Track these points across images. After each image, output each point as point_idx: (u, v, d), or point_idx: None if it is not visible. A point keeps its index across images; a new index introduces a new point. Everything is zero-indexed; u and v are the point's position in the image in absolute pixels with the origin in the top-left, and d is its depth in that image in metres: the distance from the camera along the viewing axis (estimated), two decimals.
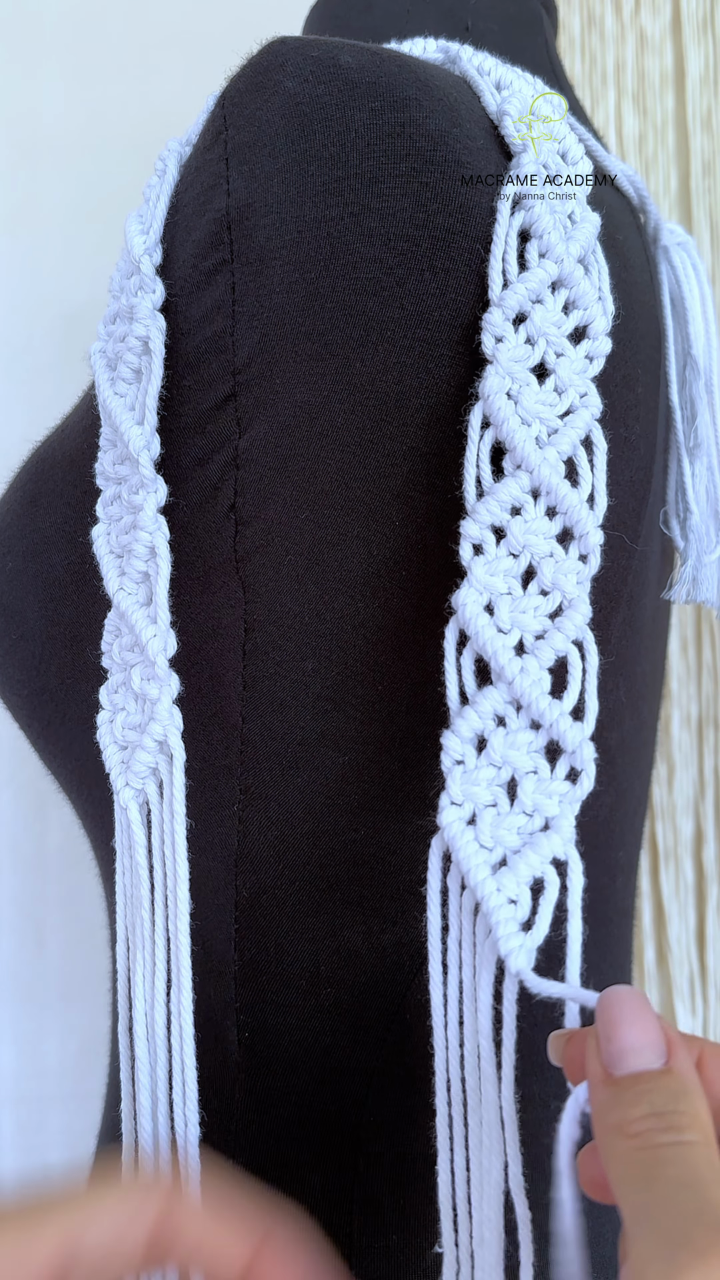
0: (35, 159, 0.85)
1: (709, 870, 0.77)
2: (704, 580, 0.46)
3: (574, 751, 0.32)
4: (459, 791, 0.32)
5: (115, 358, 0.38)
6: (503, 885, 0.31)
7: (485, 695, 0.32)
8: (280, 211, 0.34)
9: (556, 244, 0.34)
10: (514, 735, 0.32)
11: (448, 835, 0.31)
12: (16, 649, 0.44)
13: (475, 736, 0.32)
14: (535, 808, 0.32)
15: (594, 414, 0.34)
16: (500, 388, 0.33)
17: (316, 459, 0.34)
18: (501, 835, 0.32)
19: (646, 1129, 0.26)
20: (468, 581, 0.33)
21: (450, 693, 0.33)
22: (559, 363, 0.34)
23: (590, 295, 0.35)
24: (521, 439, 0.33)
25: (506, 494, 0.33)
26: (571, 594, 0.33)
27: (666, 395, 0.44)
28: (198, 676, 0.37)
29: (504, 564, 0.33)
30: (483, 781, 0.32)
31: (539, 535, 0.33)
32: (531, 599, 0.33)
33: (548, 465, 0.33)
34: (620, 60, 0.80)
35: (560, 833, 0.32)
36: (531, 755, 0.32)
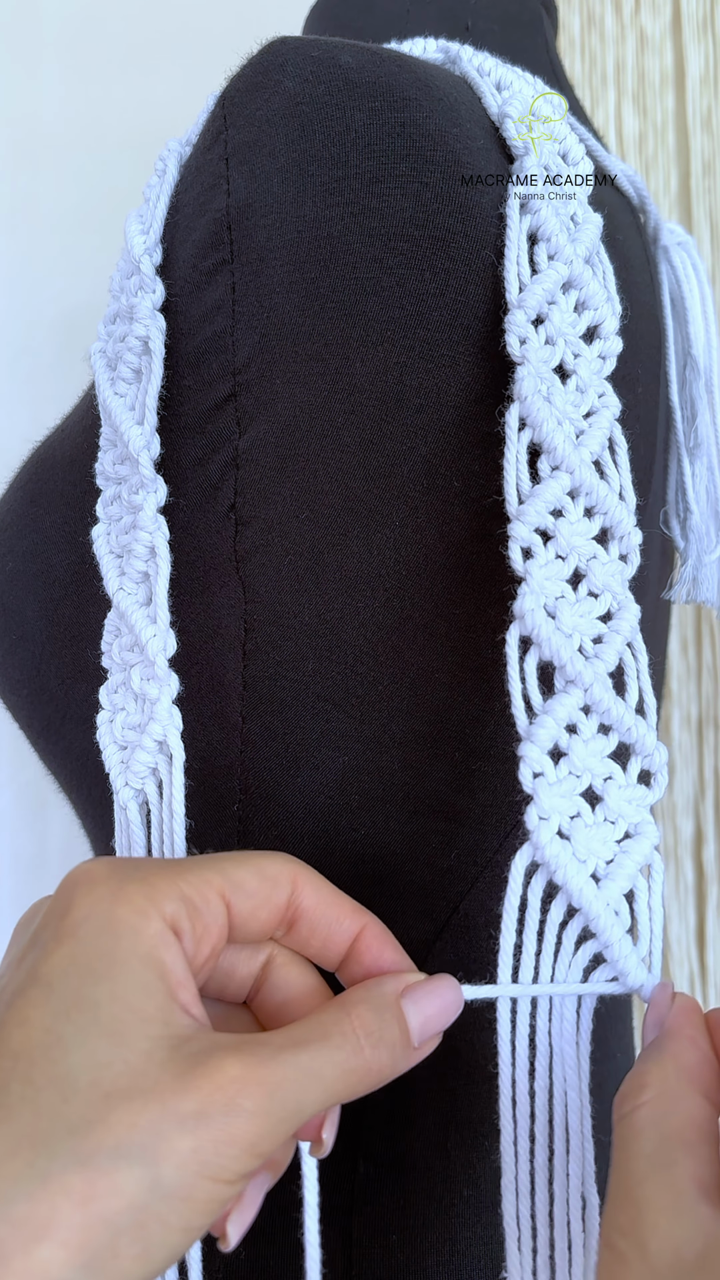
0: (35, 159, 0.85)
1: (709, 870, 0.78)
2: (704, 580, 0.46)
3: (649, 754, 0.32)
4: (548, 805, 0.31)
5: (115, 358, 0.38)
6: (610, 899, 0.31)
7: (559, 702, 0.32)
8: (280, 211, 0.34)
9: (565, 246, 0.34)
10: (590, 743, 0.32)
11: (547, 853, 0.30)
12: (16, 649, 0.44)
13: (552, 746, 0.32)
14: (619, 815, 0.32)
15: (614, 413, 0.34)
16: (535, 388, 0.33)
17: (316, 459, 0.34)
18: (594, 846, 0.31)
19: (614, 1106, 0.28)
20: (527, 586, 0.32)
21: (516, 702, 0.32)
22: (578, 363, 0.34)
23: (600, 295, 0.35)
24: (560, 439, 0.33)
25: (550, 495, 0.33)
26: (620, 595, 0.33)
27: (666, 395, 0.44)
28: (198, 676, 0.37)
29: (554, 568, 0.33)
30: (566, 793, 0.31)
31: (583, 537, 0.33)
32: (585, 603, 0.33)
33: (585, 465, 0.33)
34: (620, 60, 0.80)
35: (647, 838, 0.32)
36: (605, 761, 0.32)
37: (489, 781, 0.37)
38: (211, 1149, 0.24)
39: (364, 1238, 0.39)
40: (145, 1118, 0.23)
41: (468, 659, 0.36)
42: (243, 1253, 0.39)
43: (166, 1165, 0.23)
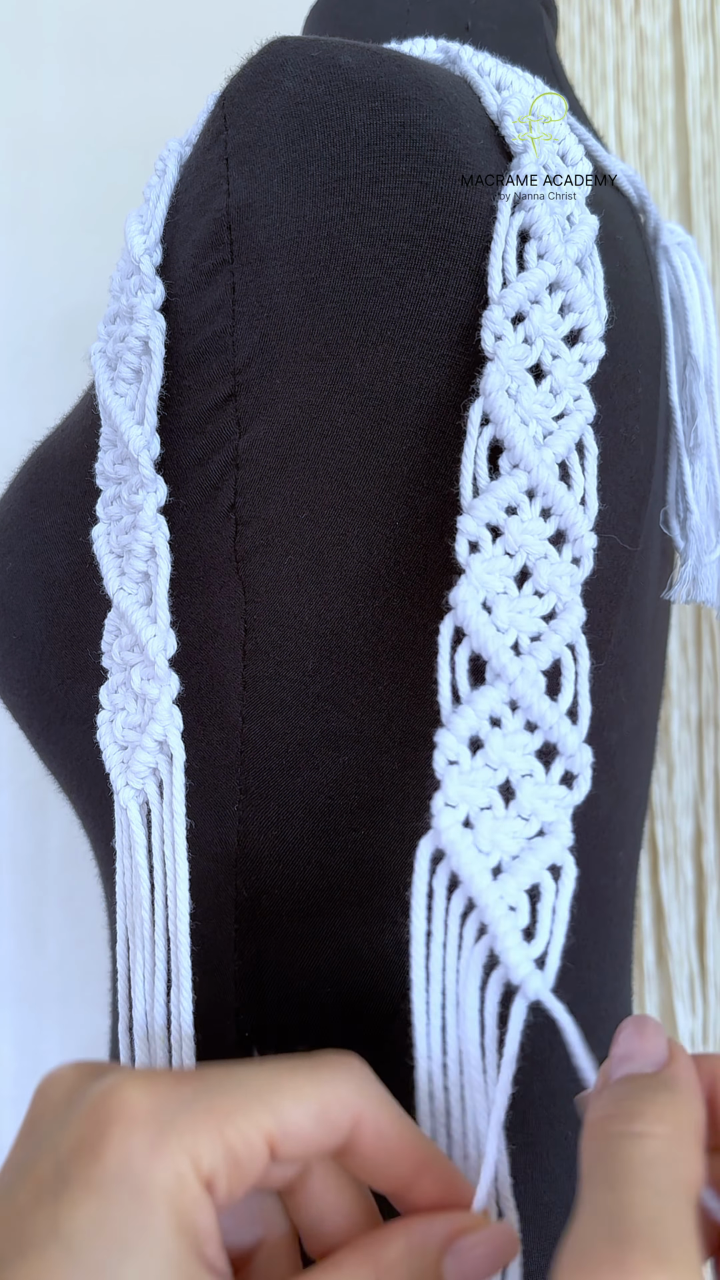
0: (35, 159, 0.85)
1: (709, 870, 0.77)
2: (704, 580, 0.46)
3: (572, 755, 0.32)
4: (455, 793, 0.31)
5: (115, 358, 0.38)
6: (504, 893, 0.30)
7: (482, 694, 0.32)
8: (280, 211, 0.34)
9: (555, 245, 0.34)
10: (511, 737, 0.32)
11: (445, 838, 0.31)
12: (16, 649, 0.44)
13: (471, 736, 0.32)
14: (532, 812, 0.32)
15: (587, 418, 0.34)
16: (501, 385, 0.33)
17: (316, 459, 0.34)
18: (499, 840, 0.31)
19: (605, 1116, 0.25)
20: (465, 578, 0.32)
21: (443, 690, 0.32)
22: (555, 364, 0.34)
23: (586, 299, 0.35)
24: (520, 438, 0.33)
25: (504, 492, 0.33)
26: (566, 597, 0.33)
27: (666, 395, 0.44)
28: (198, 676, 0.37)
29: (500, 563, 0.33)
30: (479, 783, 0.31)
31: (534, 536, 0.33)
32: (527, 600, 0.33)
33: (545, 466, 0.33)
34: (620, 60, 0.80)
35: (558, 838, 0.31)
36: (527, 758, 0.32)
37: None
38: None
39: None
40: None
41: None
42: None
43: None
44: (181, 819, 0.35)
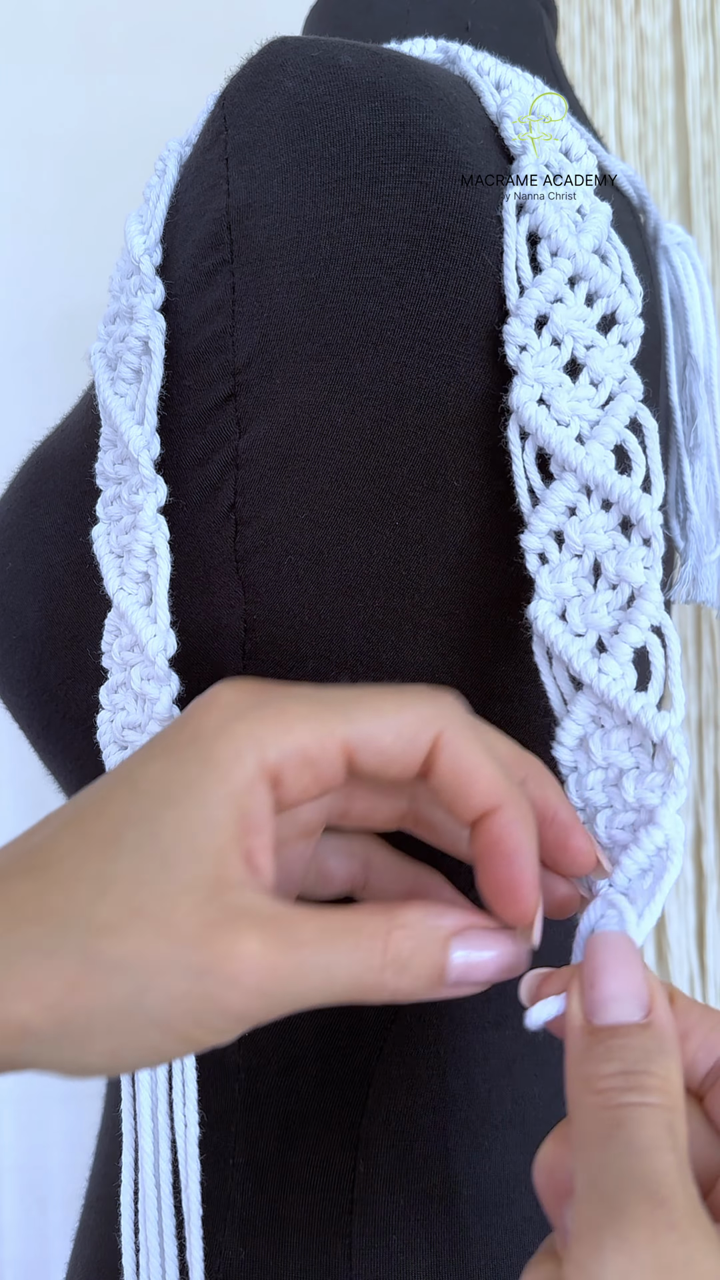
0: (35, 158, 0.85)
1: (709, 870, 0.78)
2: (704, 580, 0.46)
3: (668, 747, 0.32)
4: (575, 799, 0.33)
5: (115, 358, 0.38)
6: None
7: (577, 702, 0.33)
8: (280, 211, 0.34)
9: (566, 241, 0.34)
10: (609, 734, 0.33)
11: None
12: (16, 649, 0.44)
13: (578, 742, 0.33)
14: (640, 802, 0.32)
15: (636, 396, 0.34)
16: (530, 396, 0.33)
17: (316, 459, 0.34)
18: (614, 834, 0.32)
19: (612, 1087, 0.25)
20: (538, 594, 0.33)
21: (554, 705, 0.33)
22: (590, 355, 0.34)
23: (613, 282, 0.35)
24: (560, 440, 0.33)
25: (558, 499, 0.33)
26: (638, 581, 0.33)
27: (666, 395, 0.44)
28: (198, 676, 0.37)
29: (569, 567, 0.33)
30: (595, 785, 0.33)
31: (598, 531, 0.33)
32: (602, 595, 0.33)
33: (591, 460, 0.33)
34: (620, 60, 0.80)
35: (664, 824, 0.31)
36: (633, 752, 0.33)
37: None
38: (199, 1002, 0.25)
39: (364, 1237, 0.39)
40: (155, 948, 0.25)
41: (469, 659, 0.36)
42: (243, 1252, 0.39)
43: (156, 995, 0.25)
44: None
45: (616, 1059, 0.26)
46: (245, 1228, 0.39)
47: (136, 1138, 0.36)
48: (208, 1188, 0.38)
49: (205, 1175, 0.36)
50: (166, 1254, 0.35)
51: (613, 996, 0.27)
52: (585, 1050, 0.26)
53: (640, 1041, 0.26)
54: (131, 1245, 0.36)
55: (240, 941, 0.25)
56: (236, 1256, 0.39)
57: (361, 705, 0.28)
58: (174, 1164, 0.35)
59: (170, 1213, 0.35)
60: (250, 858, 0.26)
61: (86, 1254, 0.44)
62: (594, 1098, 0.25)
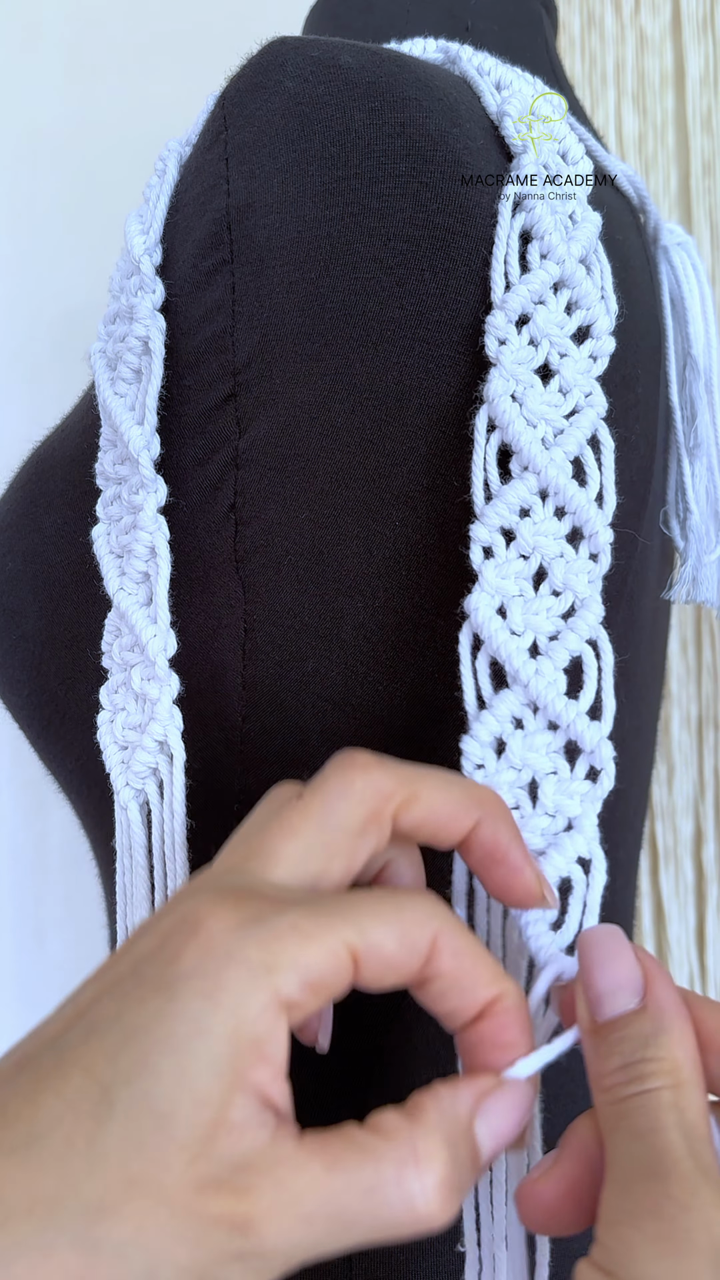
0: (35, 159, 0.85)
1: (709, 870, 0.77)
2: (704, 580, 0.46)
3: (593, 750, 0.32)
4: None
5: (115, 358, 0.38)
6: None
7: (501, 699, 0.32)
8: (280, 211, 0.34)
9: (558, 245, 0.34)
10: (532, 737, 0.32)
11: None
12: (16, 649, 0.44)
13: (494, 740, 0.32)
14: (557, 808, 0.32)
15: (599, 413, 0.34)
16: (504, 390, 0.33)
17: (316, 459, 0.34)
18: (526, 838, 0.32)
19: (615, 1083, 0.26)
20: (479, 585, 0.33)
21: (467, 697, 0.33)
22: (563, 363, 0.34)
23: (593, 295, 0.35)
24: (527, 440, 0.33)
25: (515, 496, 0.33)
26: (583, 594, 0.33)
27: (666, 395, 0.44)
28: (198, 676, 0.37)
29: (514, 566, 0.33)
30: (504, 785, 0.32)
31: (548, 536, 0.33)
32: (544, 600, 0.33)
33: (554, 466, 0.33)
34: (620, 60, 0.80)
35: (583, 832, 0.32)
36: (550, 756, 0.32)
37: None
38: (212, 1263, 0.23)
39: None
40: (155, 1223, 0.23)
41: None
42: None
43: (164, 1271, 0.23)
44: (181, 819, 0.35)
45: (616, 1053, 0.26)
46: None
47: None
48: None
49: None
50: None
51: (607, 990, 0.27)
52: (594, 1050, 0.27)
53: (637, 1028, 0.27)
54: None
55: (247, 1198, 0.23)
56: None
57: (363, 911, 0.26)
58: None
59: None
60: (260, 1092, 0.24)
61: None
62: (603, 1095, 0.26)
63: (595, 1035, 0.27)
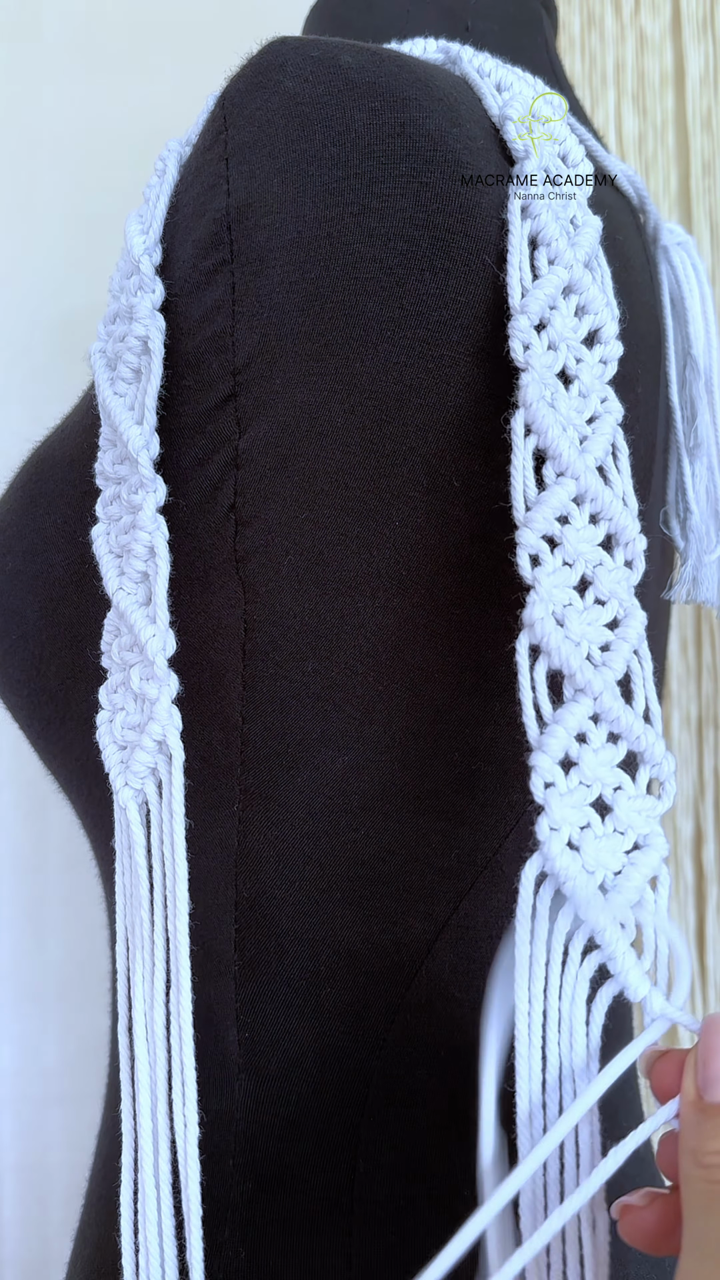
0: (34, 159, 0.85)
1: (709, 870, 0.77)
2: (704, 580, 0.46)
3: (658, 763, 0.32)
4: (559, 815, 0.31)
5: (115, 357, 0.38)
6: (615, 912, 0.30)
7: (569, 711, 0.31)
8: (280, 211, 0.34)
9: (564, 250, 0.34)
10: (600, 752, 0.32)
11: (557, 864, 0.30)
12: (16, 649, 0.44)
13: (563, 756, 0.31)
14: (629, 825, 0.31)
15: (617, 419, 0.34)
16: (540, 394, 0.33)
17: (316, 459, 0.34)
18: (603, 858, 0.31)
19: (716, 1163, 0.27)
20: (535, 594, 0.32)
21: (527, 712, 0.32)
22: (579, 368, 0.34)
23: (599, 299, 0.35)
24: (565, 446, 0.33)
25: (556, 501, 0.33)
26: (627, 603, 0.32)
27: (666, 395, 0.44)
28: (198, 676, 0.37)
29: (562, 575, 0.32)
30: (577, 803, 0.31)
31: (588, 543, 0.33)
32: (591, 610, 0.32)
33: (589, 472, 0.33)
34: (620, 60, 0.80)
35: (655, 849, 0.31)
36: (614, 771, 0.32)
37: (489, 782, 0.37)
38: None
39: (364, 1238, 0.39)
40: None
41: (468, 659, 0.36)
42: (243, 1252, 0.39)
43: None
44: (181, 819, 0.35)
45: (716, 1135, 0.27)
46: (245, 1228, 0.39)
47: (136, 1138, 0.36)
48: (208, 1188, 0.38)
49: (205, 1175, 0.36)
50: (166, 1254, 0.35)
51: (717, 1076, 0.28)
52: (695, 1125, 0.28)
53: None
54: (131, 1245, 0.36)
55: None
56: (236, 1256, 0.38)
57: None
58: (174, 1164, 0.35)
59: (170, 1213, 0.35)
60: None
61: (86, 1254, 0.44)
62: (700, 1171, 0.27)
63: (699, 1112, 0.28)
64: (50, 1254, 0.87)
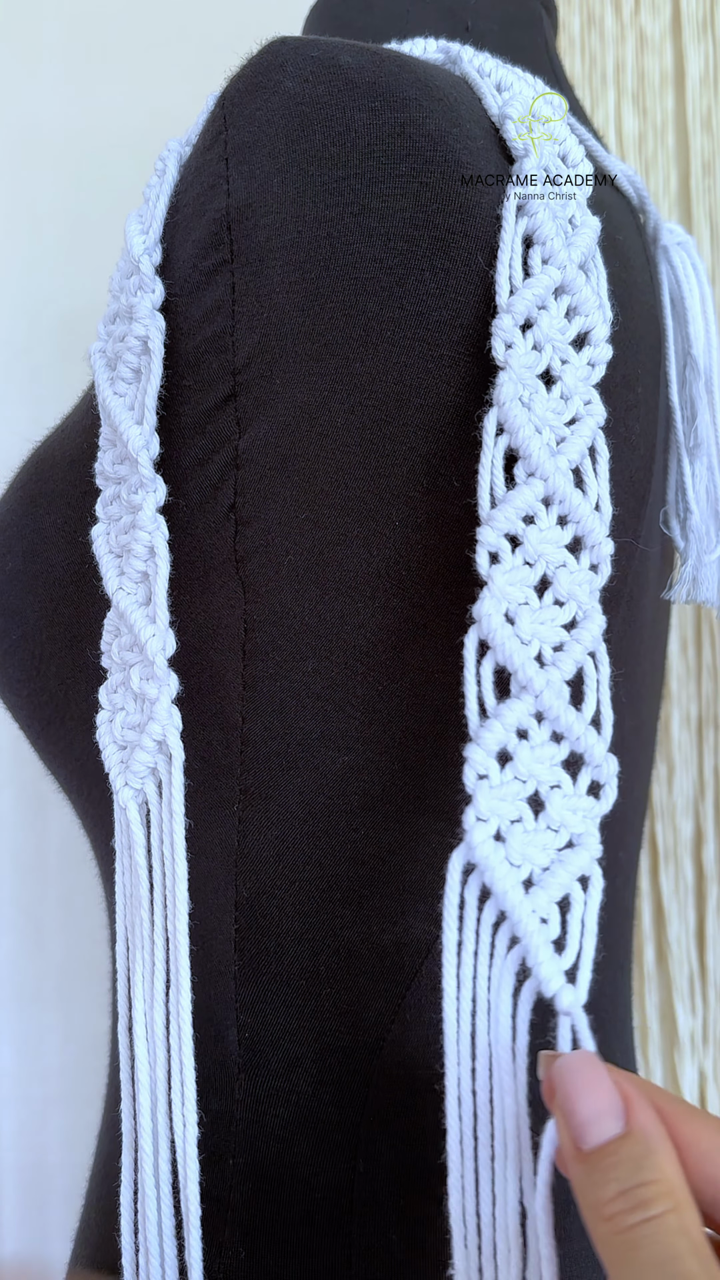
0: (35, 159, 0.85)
1: (709, 870, 0.77)
2: (704, 580, 0.46)
3: (599, 765, 0.32)
4: (486, 807, 0.31)
5: (115, 357, 0.38)
6: (536, 906, 0.31)
7: (509, 707, 0.32)
8: (280, 211, 0.34)
9: (559, 250, 0.34)
10: (538, 749, 0.32)
11: (478, 854, 0.31)
12: (16, 649, 0.44)
13: (499, 749, 0.32)
14: (561, 823, 0.32)
15: (598, 422, 0.34)
16: (514, 394, 0.33)
17: (316, 459, 0.34)
18: (530, 853, 0.31)
19: (616, 1211, 0.26)
20: (488, 591, 0.32)
21: (470, 705, 0.32)
22: (564, 370, 0.34)
23: (592, 302, 0.35)
24: (536, 446, 0.33)
25: (521, 501, 0.33)
26: (586, 605, 0.33)
27: (666, 395, 0.44)
28: (198, 676, 0.37)
29: (520, 573, 0.33)
30: (508, 796, 0.31)
31: (552, 544, 0.33)
32: (548, 610, 0.33)
33: (560, 473, 0.33)
34: (620, 60, 0.80)
35: (587, 850, 0.31)
36: (554, 769, 0.32)
37: None
38: None
39: (364, 1237, 0.39)
40: None
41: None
42: (243, 1252, 0.39)
43: None
44: (181, 819, 0.35)
45: (612, 1180, 0.26)
46: (245, 1228, 0.39)
47: (136, 1138, 0.36)
48: (207, 1188, 0.38)
49: (205, 1175, 0.36)
50: (166, 1254, 0.35)
51: (588, 1119, 0.27)
52: (585, 1178, 0.27)
53: (627, 1153, 0.27)
54: (131, 1245, 0.36)
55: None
56: (236, 1256, 0.38)
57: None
58: (174, 1164, 0.35)
59: (170, 1213, 0.35)
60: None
61: (86, 1254, 0.44)
62: (605, 1225, 0.26)
63: (584, 1164, 0.27)
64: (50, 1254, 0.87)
